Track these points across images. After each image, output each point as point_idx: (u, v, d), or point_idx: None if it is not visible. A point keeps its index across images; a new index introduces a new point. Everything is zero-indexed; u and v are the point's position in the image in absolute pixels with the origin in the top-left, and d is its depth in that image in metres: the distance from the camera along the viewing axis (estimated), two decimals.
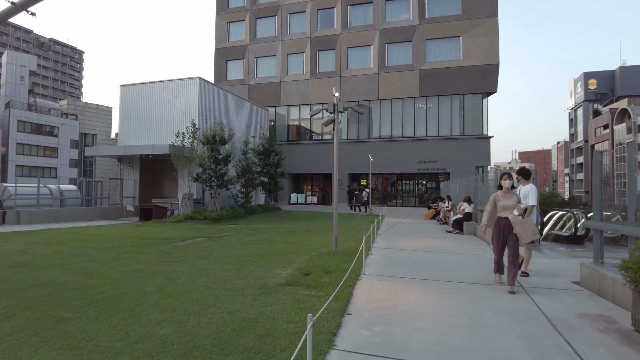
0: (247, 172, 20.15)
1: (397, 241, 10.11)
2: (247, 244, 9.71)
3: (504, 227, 5.30)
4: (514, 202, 5.29)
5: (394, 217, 18.88)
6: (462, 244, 9.96)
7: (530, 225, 5.37)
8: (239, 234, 12.06)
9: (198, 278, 5.74)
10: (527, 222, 5.32)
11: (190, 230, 13.58)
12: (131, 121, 22.80)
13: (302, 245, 9.09)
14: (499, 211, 5.38)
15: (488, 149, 27.65)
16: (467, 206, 12.42)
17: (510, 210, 5.26)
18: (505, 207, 5.30)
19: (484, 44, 27.73)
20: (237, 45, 33.93)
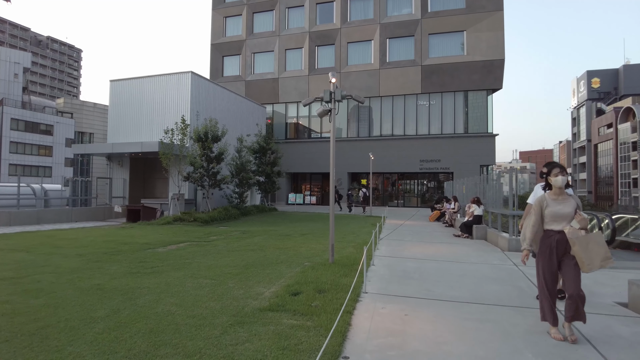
0: (241, 171, 19.15)
1: (401, 247, 9.10)
2: (234, 250, 8.71)
3: (556, 246, 3.59)
4: (572, 208, 3.60)
5: (396, 219, 17.88)
6: (473, 250, 8.96)
7: (601, 246, 3.50)
8: (228, 238, 11.07)
9: (164, 297, 4.74)
10: (595, 239, 3.51)
11: (177, 233, 12.59)
12: (121, 118, 21.80)
13: (295, 253, 8.09)
14: (547, 222, 3.67)
15: (493, 148, 26.65)
16: (477, 208, 11.43)
17: (567, 221, 3.60)
18: (557, 216, 3.61)
19: (489, 39, 26.72)
20: (234, 41, 32.92)
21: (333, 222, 6.68)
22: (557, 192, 3.69)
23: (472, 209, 11.51)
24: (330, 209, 6.84)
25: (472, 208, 11.49)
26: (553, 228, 3.64)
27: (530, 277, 6.03)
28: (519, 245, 8.95)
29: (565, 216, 3.61)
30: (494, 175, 10.79)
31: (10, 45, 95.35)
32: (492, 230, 10.62)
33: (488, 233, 10.87)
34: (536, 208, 3.73)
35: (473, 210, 11.46)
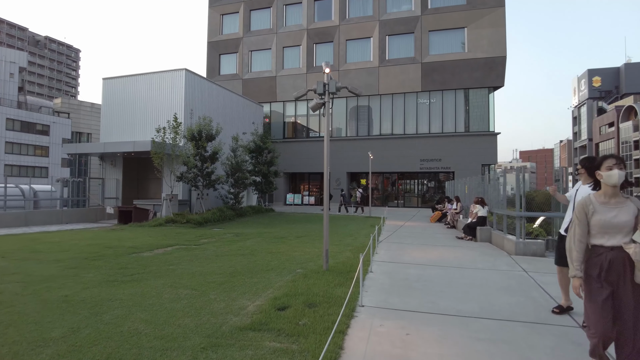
0: (236, 171, 18.60)
1: (402, 251, 8.56)
2: (223, 255, 8.17)
3: (608, 268, 2.59)
4: (630, 215, 2.61)
5: (396, 220, 17.34)
6: (479, 254, 8.41)
7: None
8: (220, 241, 10.53)
9: (134, 312, 4.21)
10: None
11: (168, 235, 12.06)
12: (114, 117, 21.28)
13: (288, 258, 7.55)
14: (594, 234, 2.69)
15: (495, 146, 26.11)
16: (480, 209, 10.89)
17: (623, 234, 2.60)
18: (610, 227, 2.62)
19: (490, 36, 26.17)
20: (231, 39, 32.37)
21: (327, 225, 6.13)
22: (610, 193, 2.68)
23: (475, 209, 10.98)
24: (325, 210, 6.29)
25: (476, 209, 10.95)
26: (603, 243, 2.63)
27: (543, 285, 5.50)
28: (527, 249, 8.43)
29: (622, 226, 2.58)
30: (498, 174, 10.24)
31: (8, 45, 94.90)
32: (497, 232, 10.08)
33: (493, 235, 10.33)
34: (579, 215, 2.72)
35: (477, 211, 10.92)
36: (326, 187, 6.39)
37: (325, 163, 6.39)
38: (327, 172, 6.31)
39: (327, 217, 6.20)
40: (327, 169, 6.32)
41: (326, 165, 6.34)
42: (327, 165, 6.34)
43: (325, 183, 6.43)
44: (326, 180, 6.41)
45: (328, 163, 6.37)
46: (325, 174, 6.38)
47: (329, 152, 6.45)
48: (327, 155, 6.41)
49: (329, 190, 25.99)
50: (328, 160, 6.39)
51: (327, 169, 6.31)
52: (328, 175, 6.38)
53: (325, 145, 6.43)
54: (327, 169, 6.32)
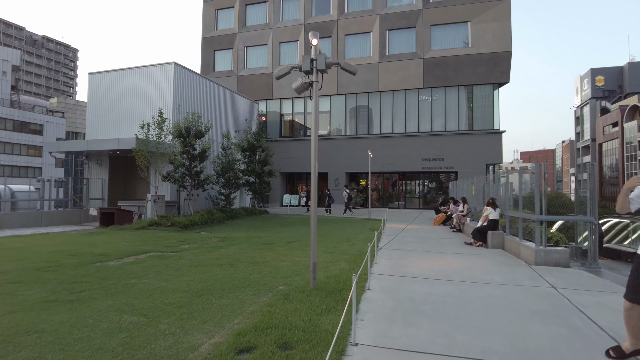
0: (228, 171, 17.51)
1: (405, 261, 7.46)
2: (199, 265, 7.08)
3: None
4: None
5: (398, 222, 16.25)
6: (493, 264, 7.32)
7: None
8: (202, 248, 9.43)
9: (47, 353, 3.11)
10: None
11: (147, 240, 10.97)
12: (100, 113, 20.20)
13: (272, 270, 6.45)
14: None
15: (500, 145, 25.01)
16: (492, 211, 9.79)
17: None
18: None
19: (495, 30, 25.09)
20: (226, 34, 31.30)
21: (315, 233, 5.02)
22: None
23: (486, 212, 9.88)
24: (312, 215, 5.18)
25: (487, 211, 9.86)
26: None
27: (582, 308, 4.40)
28: (549, 258, 7.34)
29: None
30: (516, 173, 9.14)
31: (5, 44, 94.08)
32: (512, 237, 8.99)
33: (506, 241, 9.24)
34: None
35: (488, 214, 9.83)
36: (314, 186, 5.29)
37: (312, 158, 5.29)
38: (315, 169, 5.22)
39: (314, 223, 5.10)
40: (315, 166, 5.22)
41: (314, 161, 5.25)
42: (314, 160, 5.24)
43: (313, 182, 5.33)
44: (313, 179, 5.30)
45: (316, 158, 5.28)
46: (313, 173, 5.28)
47: (316, 144, 5.36)
48: (314, 150, 5.31)
49: (320, 191, 24.85)
50: (316, 155, 5.30)
51: (315, 165, 5.22)
52: (315, 173, 5.28)
53: (313, 139, 5.35)
54: (314, 166, 5.22)
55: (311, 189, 5.25)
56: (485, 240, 9.81)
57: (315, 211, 5.14)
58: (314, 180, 5.29)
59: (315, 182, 5.30)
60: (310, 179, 4.99)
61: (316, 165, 5.19)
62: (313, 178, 5.28)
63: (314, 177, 5.28)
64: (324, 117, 28.83)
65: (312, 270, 4.89)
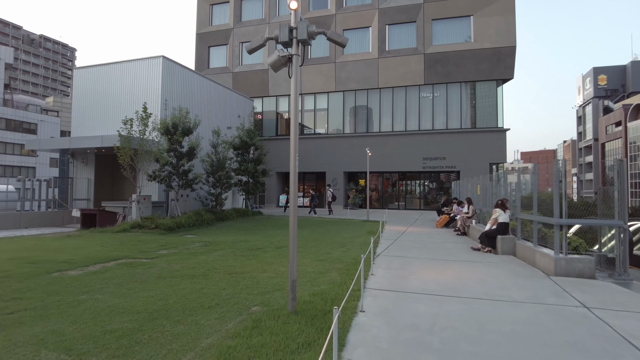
0: (218, 170, 16.58)
1: (405, 271, 6.53)
2: (168, 276, 6.15)
3: None
4: None
5: (398, 224, 15.31)
6: (507, 275, 6.38)
7: None
8: (180, 254, 8.50)
9: None
10: None
11: (124, 245, 10.04)
12: (87, 109, 19.31)
13: (250, 284, 5.51)
14: None
15: (504, 144, 24.06)
16: (502, 214, 8.85)
17: None
18: None
19: (499, 24, 24.17)
20: (221, 30, 30.36)
21: (294, 240, 4.07)
22: None
23: (495, 214, 8.94)
24: (291, 221, 4.22)
25: (496, 214, 8.92)
26: None
27: (634, 341, 3.46)
28: (571, 268, 6.39)
29: None
30: (530, 170, 8.21)
31: (2, 43, 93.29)
32: (524, 243, 8.06)
33: (518, 247, 8.30)
34: None
35: (497, 216, 8.89)
36: (293, 184, 4.35)
37: (292, 144, 4.35)
38: (295, 164, 4.28)
39: (294, 230, 4.15)
40: (295, 160, 4.28)
41: (293, 154, 4.31)
42: (294, 154, 4.30)
43: (292, 179, 4.38)
44: (293, 176, 4.36)
45: (296, 149, 4.33)
46: (292, 166, 4.33)
47: (297, 134, 4.43)
48: (294, 141, 4.38)
49: (318, 192, 23.83)
50: (296, 148, 4.36)
51: (295, 159, 4.28)
52: (295, 167, 4.34)
53: (293, 129, 4.42)
54: (294, 162, 4.28)
55: (290, 189, 4.31)
56: (495, 246, 8.88)
57: (294, 215, 4.19)
58: (293, 178, 4.35)
59: (295, 180, 4.36)
60: (290, 177, 4.04)
61: (296, 160, 4.25)
62: (293, 175, 4.34)
63: (294, 175, 4.34)
64: (321, 115, 27.90)
65: (290, 289, 3.95)
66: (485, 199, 11.76)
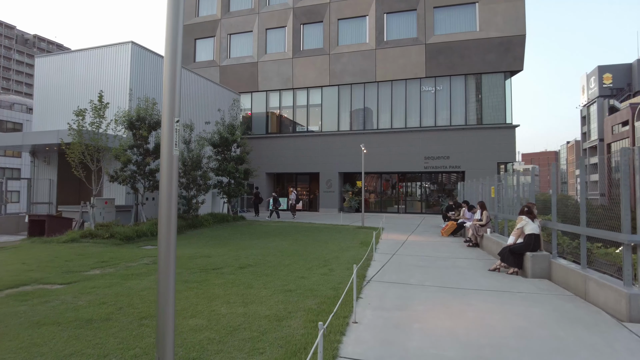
0: (193, 169, 14.54)
1: (406, 312, 4.47)
2: (50, 322, 4.10)
3: None
4: None
5: (397, 232, 13.27)
6: (555, 319, 4.32)
7: None
8: (112, 276, 6.44)
9: None
10: None
11: (54, 261, 7.98)
12: (50, 102, 17.34)
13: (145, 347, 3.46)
14: None
15: (513, 141, 22.03)
16: (529, 223, 6.81)
17: None
18: None
19: (506, 11, 22.19)
20: (207, 21, 28.38)
21: (167, 287, 2.09)
22: None
23: (521, 223, 6.90)
24: (161, 250, 2.20)
25: (522, 222, 6.87)
26: None
27: None
28: None
29: None
30: (584, 163, 6.15)
31: None
32: (565, 263, 6.02)
33: (555, 268, 6.25)
34: None
35: (523, 225, 6.84)
36: (166, 180, 2.30)
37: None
38: (172, 145, 2.25)
39: (166, 264, 2.12)
40: (173, 129, 2.28)
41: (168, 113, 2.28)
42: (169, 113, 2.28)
43: (165, 172, 2.34)
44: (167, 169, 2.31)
45: (177, 111, 2.34)
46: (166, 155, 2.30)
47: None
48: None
49: (260, 193, 21.56)
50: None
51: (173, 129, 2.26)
52: (172, 157, 2.30)
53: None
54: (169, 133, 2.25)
55: (161, 191, 2.28)
56: (521, 265, 6.84)
57: (166, 242, 2.16)
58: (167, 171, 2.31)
59: (170, 174, 2.31)
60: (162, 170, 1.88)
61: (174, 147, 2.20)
62: (166, 169, 2.30)
63: (168, 169, 2.29)
64: (315, 111, 25.89)
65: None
66: (502, 203, 9.72)
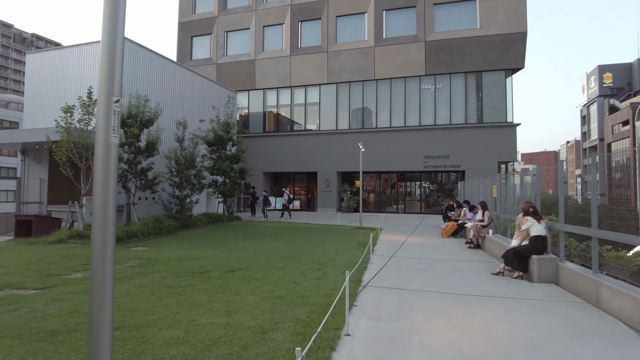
0: (187, 168, 14.15)
1: (404, 322, 4.10)
2: (7, 336, 3.72)
3: None
4: None
5: (396, 232, 12.90)
6: (567, 329, 3.95)
7: None
8: (76, 284, 6.04)
9: None
10: None
11: (36, 263, 7.61)
12: (41, 99, 16.92)
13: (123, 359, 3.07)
14: None
15: (514, 140, 21.67)
16: (534, 224, 6.44)
17: None
18: None
19: (507, 8, 21.83)
20: (204, 18, 27.99)
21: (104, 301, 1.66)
22: None
23: (526, 224, 6.52)
24: (94, 258, 1.83)
25: (527, 223, 6.50)
26: None
27: None
28: None
29: None
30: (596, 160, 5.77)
31: None
32: (576, 269, 5.65)
33: (563, 272, 5.88)
34: None
35: (529, 227, 6.47)
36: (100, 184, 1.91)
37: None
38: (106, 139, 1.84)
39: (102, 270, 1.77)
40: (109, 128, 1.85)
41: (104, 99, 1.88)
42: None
43: (99, 171, 1.95)
44: (101, 168, 1.96)
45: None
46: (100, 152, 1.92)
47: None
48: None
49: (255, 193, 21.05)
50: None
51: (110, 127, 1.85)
52: (110, 154, 1.93)
53: None
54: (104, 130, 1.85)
55: (95, 194, 1.89)
56: (526, 269, 6.47)
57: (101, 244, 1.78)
58: (101, 170, 1.92)
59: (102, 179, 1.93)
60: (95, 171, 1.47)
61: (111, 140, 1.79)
62: (100, 168, 1.92)
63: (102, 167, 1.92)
64: (312, 109, 25.52)
65: None
66: (505, 202, 9.36)
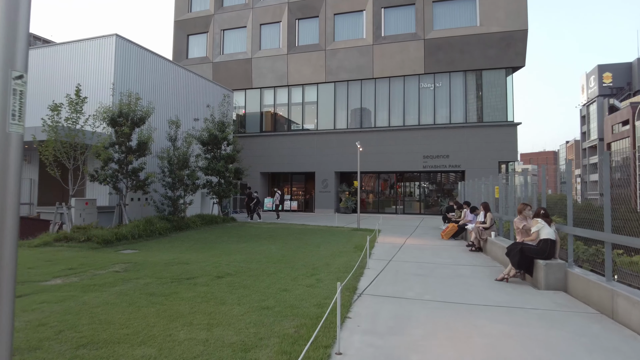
0: (180, 168, 13.77)
1: (402, 337, 3.73)
2: None
3: None
4: None
5: (394, 234, 12.53)
6: (584, 347, 3.58)
7: None
8: (72, 287, 5.67)
9: None
10: None
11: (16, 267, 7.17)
12: (31, 97, 16.40)
13: None
14: None
15: (514, 140, 21.33)
16: (544, 227, 6.06)
17: None
18: None
19: (508, 5, 21.49)
20: (200, 17, 27.61)
21: None
22: None
23: (536, 227, 6.15)
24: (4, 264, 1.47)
25: (537, 226, 6.13)
26: None
27: None
28: None
29: None
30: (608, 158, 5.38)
31: None
32: (587, 276, 5.28)
33: (572, 279, 5.50)
34: None
35: (539, 229, 6.10)
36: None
37: None
38: None
39: None
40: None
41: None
42: None
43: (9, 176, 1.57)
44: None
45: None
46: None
47: None
48: None
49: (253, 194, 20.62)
50: None
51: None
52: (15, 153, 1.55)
53: None
54: None
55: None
56: (530, 271, 6.10)
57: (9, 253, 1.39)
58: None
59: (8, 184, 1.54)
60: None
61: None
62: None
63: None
64: (310, 108, 25.15)
65: None
66: (508, 204, 8.98)
